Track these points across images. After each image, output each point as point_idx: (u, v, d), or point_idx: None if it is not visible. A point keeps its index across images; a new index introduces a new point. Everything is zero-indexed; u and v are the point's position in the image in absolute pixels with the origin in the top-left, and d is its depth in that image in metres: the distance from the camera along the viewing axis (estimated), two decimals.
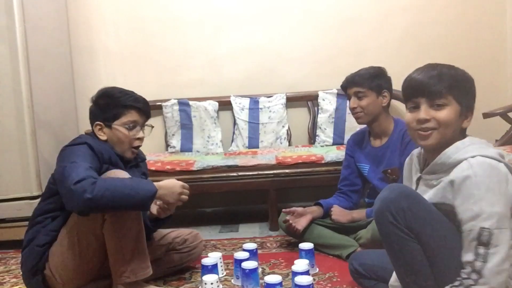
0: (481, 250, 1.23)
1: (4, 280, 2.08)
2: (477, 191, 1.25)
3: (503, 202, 1.25)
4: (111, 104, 1.83)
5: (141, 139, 1.88)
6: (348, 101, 2.29)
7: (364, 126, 2.32)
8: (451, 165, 1.34)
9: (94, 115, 1.86)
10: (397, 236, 1.32)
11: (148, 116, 1.90)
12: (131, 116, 1.83)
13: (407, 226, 1.31)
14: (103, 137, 1.83)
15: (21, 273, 2.16)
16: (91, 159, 1.69)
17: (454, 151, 1.34)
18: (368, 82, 2.15)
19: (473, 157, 1.29)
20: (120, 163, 1.84)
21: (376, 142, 2.25)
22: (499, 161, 1.29)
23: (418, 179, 1.46)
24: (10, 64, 2.46)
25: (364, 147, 2.31)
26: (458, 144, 1.35)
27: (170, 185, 1.73)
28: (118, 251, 1.68)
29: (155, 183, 1.68)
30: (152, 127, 1.96)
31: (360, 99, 2.16)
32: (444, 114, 1.35)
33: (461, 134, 1.40)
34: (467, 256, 1.25)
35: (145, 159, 2.08)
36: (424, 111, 1.36)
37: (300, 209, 2.27)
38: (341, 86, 2.26)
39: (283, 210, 2.28)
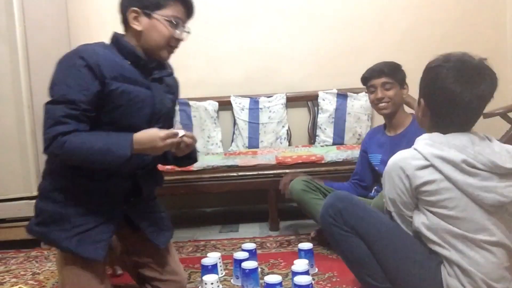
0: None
1: (4, 280, 2.08)
2: (383, 179, 1.45)
3: (397, 192, 1.39)
4: None
5: (180, 40, 1.58)
6: (368, 94, 2.27)
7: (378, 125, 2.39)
8: None
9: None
10: (339, 234, 1.52)
11: (191, 17, 1.59)
12: (177, 11, 1.53)
13: (346, 224, 1.50)
14: (137, 27, 1.54)
15: (21, 272, 2.17)
16: (83, 83, 1.45)
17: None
18: (396, 73, 2.20)
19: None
20: (138, 77, 1.54)
21: (391, 132, 2.29)
22: (426, 158, 1.37)
23: None
24: (10, 64, 2.46)
25: (378, 138, 2.35)
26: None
27: (148, 140, 1.45)
28: None
29: (134, 138, 1.44)
30: (189, 33, 1.60)
31: (388, 90, 2.19)
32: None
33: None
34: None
35: (172, 74, 1.72)
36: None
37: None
38: (364, 77, 2.25)
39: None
